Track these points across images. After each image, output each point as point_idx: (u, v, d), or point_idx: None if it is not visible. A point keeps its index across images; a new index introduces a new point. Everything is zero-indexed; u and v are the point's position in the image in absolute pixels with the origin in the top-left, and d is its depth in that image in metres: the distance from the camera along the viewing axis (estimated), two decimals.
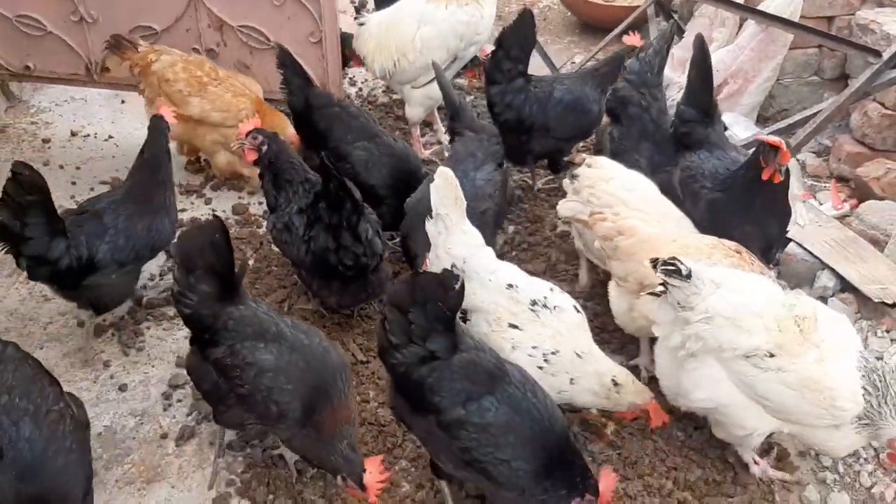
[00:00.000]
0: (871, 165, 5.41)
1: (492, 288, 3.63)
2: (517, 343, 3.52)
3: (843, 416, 3.24)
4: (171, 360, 4.21)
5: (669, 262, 3.28)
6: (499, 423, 3.02)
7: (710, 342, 3.31)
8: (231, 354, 3.27)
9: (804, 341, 3.26)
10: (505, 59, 5.08)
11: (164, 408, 3.96)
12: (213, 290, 3.29)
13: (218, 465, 3.64)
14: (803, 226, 4.98)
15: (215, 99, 5.27)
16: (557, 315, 3.58)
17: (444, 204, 3.67)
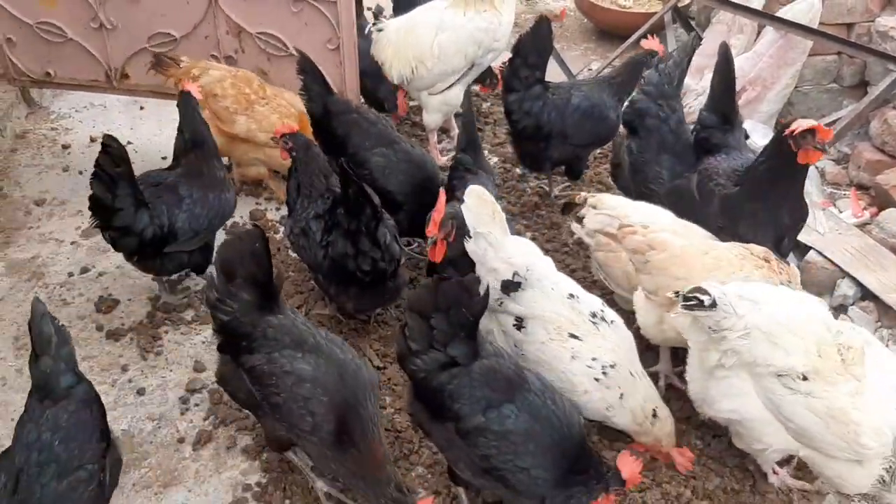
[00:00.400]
0: (890, 173, 5.37)
1: (553, 297, 3.62)
2: (577, 353, 3.50)
3: (864, 453, 3.19)
4: (189, 365, 4.22)
5: (690, 296, 3.24)
6: (518, 431, 3.03)
7: (745, 356, 3.27)
8: (269, 362, 3.24)
9: (844, 371, 3.21)
10: (522, 67, 5.08)
11: (181, 412, 3.97)
12: (253, 298, 3.28)
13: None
14: (823, 234, 4.95)
15: (262, 119, 5.24)
16: (615, 329, 3.61)
17: (482, 222, 3.63)
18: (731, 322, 3.23)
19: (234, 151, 5.41)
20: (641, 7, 7.86)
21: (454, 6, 5.55)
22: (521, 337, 3.61)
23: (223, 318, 3.28)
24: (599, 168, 5.80)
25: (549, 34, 5.13)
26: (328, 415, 3.18)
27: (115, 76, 5.83)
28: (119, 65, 5.78)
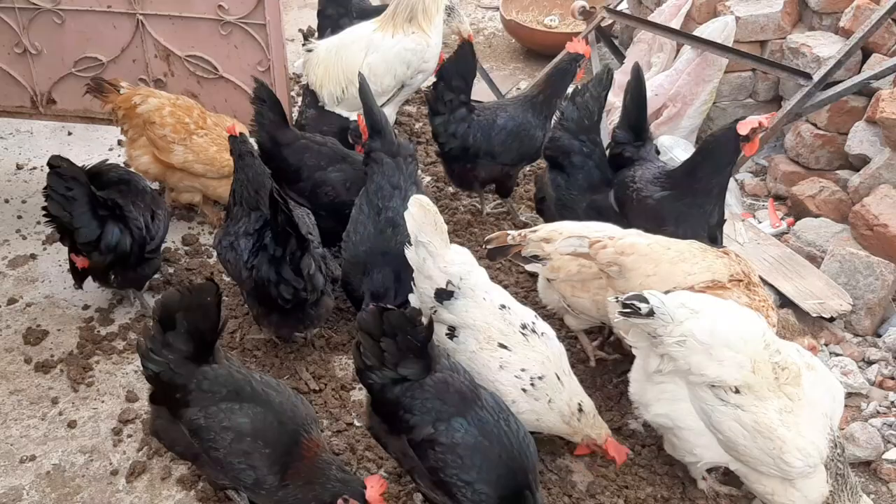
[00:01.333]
0: (805, 184, 5.60)
1: (485, 307, 3.71)
2: (505, 363, 3.60)
3: (788, 470, 3.28)
4: (122, 395, 4.17)
5: (628, 303, 3.34)
6: (466, 445, 3.14)
7: (680, 363, 3.37)
8: (206, 417, 3.21)
9: (776, 388, 3.31)
10: (446, 91, 5.18)
11: (114, 443, 3.92)
12: (189, 350, 3.21)
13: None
14: (743, 244, 5.14)
15: (200, 151, 5.21)
16: (545, 341, 3.70)
17: (424, 231, 3.68)
18: (668, 329, 3.34)
19: (170, 178, 5.37)
20: (566, 27, 8.03)
21: (382, 29, 5.63)
22: (453, 346, 3.70)
23: (154, 368, 3.20)
24: (529, 185, 5.91)
25: (473, 57, 5.24)
26: (272, 467, 3.18)
27: (41, 101, 5.74)
28: (45, 90, 5.70)
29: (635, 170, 4.64)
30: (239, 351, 4.46)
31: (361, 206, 4.44)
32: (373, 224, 4.38)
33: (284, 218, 3.92)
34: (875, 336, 4.65)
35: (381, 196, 4.40)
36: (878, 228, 4.92)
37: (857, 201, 5.20)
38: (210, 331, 3.24)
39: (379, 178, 4.44)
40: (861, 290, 4.65)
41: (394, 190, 4.40)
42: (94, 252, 4.28)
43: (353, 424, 4.06)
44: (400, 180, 4.43)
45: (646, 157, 4.73)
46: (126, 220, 4.36)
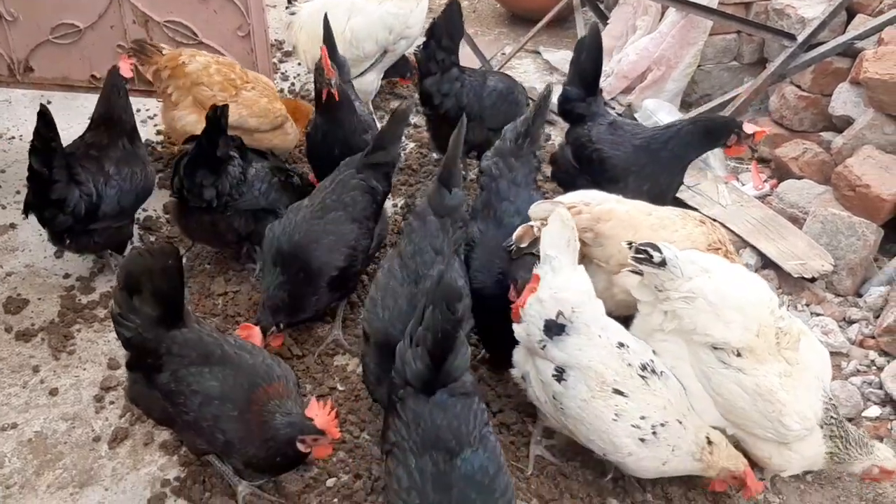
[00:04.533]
0: (788, 146, 5.60)
1: (601, 346, 3.29)
2: (621, 412, 3.21)
3: (786, 434, 3.29)
4: (103, 363, 4.16)
5: (642, 248, 3.31)
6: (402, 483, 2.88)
7: (685, 322, 3.34)
8: (176, 381, 3.21)
9: (776, 353, 3.31)
10: (438, 50, 5.12)
11: (96, 410, 3.91)
12: (157, 313, 3.20)
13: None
14: (726, 206, 5.14)
15: (251, 104, 5.16)
16: (665, 382, 3.31)
17: (556, 245, 3.43)
18: (676, 284, 3.31)
19: None
20: None
21: None
22: (560, 389, 3.31)
23: (126, 334, 3.20)
24: None
25: (460, 17, 5.19)
26: (240, 430, 3.18)
27: (18, 70, 5.65)
28: (22, 57, 5.61)
29: (590, 127, 4.70)
30: (221, 318, 4.45)
31: (392, 271, 3.66)
32: (407, 296, 3.57)
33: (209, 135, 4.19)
34: (856, 296, 4.67)
35: (420, 261, 3.64)
36: (860, 189, 4.93)
37: (840, 162, 5.19)
38: (174, 293, 3.22)
39: (419, 238, 3.68)
40: (843, 250, 4.66)
41: (436, 255, 3.66)
42: (60, 214, 4.24)
43: (335, 388, 4.06)
44: (444, 245, 3.67)
45: (597, 111, 4.79)
46: (78, 184, 4.30)
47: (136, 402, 3.48)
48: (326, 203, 4.15)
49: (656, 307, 3.46)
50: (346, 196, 4.16)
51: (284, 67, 7.21)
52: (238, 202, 4.46)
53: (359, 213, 4.17)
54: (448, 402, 2.94)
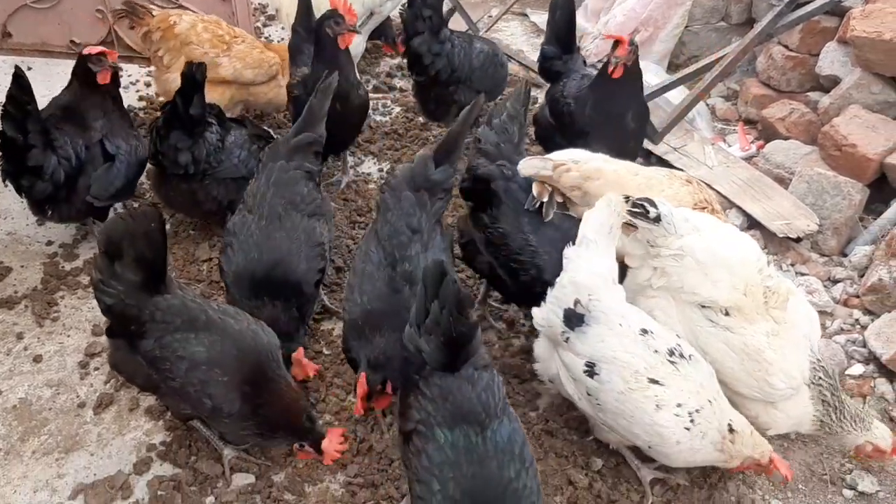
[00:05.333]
0: (775, 106, 5.58)
1: (623, 335, 3.16)
2: (661, 402, 3.08)
3: (772, 393, 3.27)
4: (88, 329, 4.14)
5: (639, 203, 3.29)
6: (433, 459, 2.76)
7: (673, 280, 3.34)
8: (161, 348, 3.17)
9: (764, 312, 3.29)
10: (423, 7, 5.02)
11: (80, 377, 3.91)
12: (139, 279, 3.15)
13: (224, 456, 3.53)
14: (712, 167, 5.13)
15: (245, 56, 5.12)
16: (694, 366, 3.17)
17: (598, 230, 3.31)
18: (668, 241, 3.30)
19: (219, 101, 5.08)
20: None
21: None
22: (595, 385, 3.16)
23: (106, 300, 3.15)
24: None
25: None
26: (229, 395, 3.16)
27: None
28: (0, 23, 5.52)
29: (564, 83, 4.75)
30: (206, 283, 4.43)
31: (369, 254, 3.59)
32: (386, 280, 3.51)
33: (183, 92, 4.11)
34: (841, 255, 4.68)
35: (396, 243, 3.56)
36: (846, 149, 4.91)
37: (826, 122, 5.18)
38: (157, 258, 3.17)
39: (394, 217, 3.60)
40: (828, 210, 4.66)
41: (412, 234, 3.58)
42: (38, 181, 4.17)
43: (321, 352, 4.06)
44: (421, 222, 3.60)
45: (573, 68, 4.83)
46: (54, 149, 4.22)
47: (118, 368, 3.44)
48: (275, 209, 3.83)
49: (646, 262, 3.44)
50: (291, 194, 3.90)
51: (268, 31, 7.13)
52: (216, 170, 4.40)
53: (311, 207, 3.94)
54: (475, 375, 2.86)
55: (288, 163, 3.95)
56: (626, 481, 3.49)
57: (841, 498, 3.56)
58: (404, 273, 3.49)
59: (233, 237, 3.79)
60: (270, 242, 3.76)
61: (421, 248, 3.53)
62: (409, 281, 3.46)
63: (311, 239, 3.85)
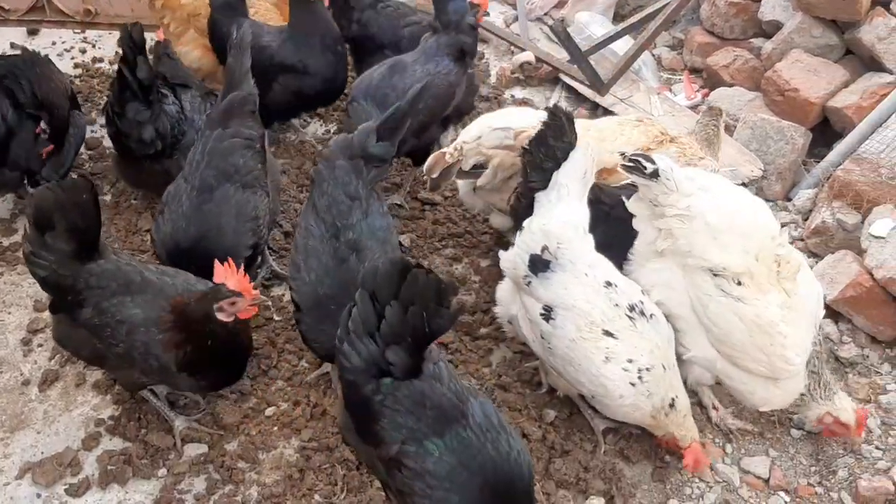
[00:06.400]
0: (719, 54, 5.59)
1: (587, 284, 3.14)
2: (611, 354, 3.08)
3: (783, 368, 3.20)
4: (29, 305, 4.04)
5: (633, 158, 3.18)
6: (438, 474, 2.58)
7: (681, 243, 3.21)
8: (99, 314, 3.12)
9: (776, 282, 3.18)
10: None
11: (24, 354, 3.81)
12: (71, 249, 3.10)
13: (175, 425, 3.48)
14: (658, 117, 5.13)
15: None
16: (654, 326, 3.17)
17: (570, 174, 3.28)
18: (672, 199, 3.18)
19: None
20: None
21: None
22: (549, 329, 3.17)
23: (40, 273, 3.11)
24: None
25: None
26: (170, 351, 3.11)
27: None
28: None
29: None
30: (150, 254, 4.31)
31: (309, 228, 3.43)
32: (331, 252, 3.36)
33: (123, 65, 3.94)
34: (785, 200, 4.74)
35: (336, 213, 3.41)
36: (789, 93, 4.95)
37: (769, 68, 5.20)
38: (90, 228, 3.13)
39: (331, 187, 3.45)
40: (772, 155, 4.70)
41: (352, 202, 3.43)
42: None
43: (272, 319, 4.01)
44: (359, 189, 3.45)
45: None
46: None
47: (63, 343, 3.39)
48: (207, 181, 3.68)
49: (651, 223, 3.33)
50: (225, 165, 3.73)
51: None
52: (183, 142, 4.22)
53: (248, 178, 3.76)
54: (436, 369, 2.69)
55: (224, 130, 3.77)
56: (580, 431, 3.54)
57: (789, 437, 3.65)
58: (349, 242, 3.36)
59: (165, 206, 3.69)
60: (199, 214, 3.64)
61: (361, 215, 3.41)
62: (355, 248, 3.35)
63: (242, 213, 3.70)
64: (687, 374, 3.40)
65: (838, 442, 3.59)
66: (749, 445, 3.59)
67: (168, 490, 3.25)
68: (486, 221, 4.53)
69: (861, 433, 3.45)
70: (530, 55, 5.69)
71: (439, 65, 4.34)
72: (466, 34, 4.38)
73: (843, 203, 4.27)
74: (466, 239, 4.56)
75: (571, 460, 3.39)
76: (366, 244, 3.35)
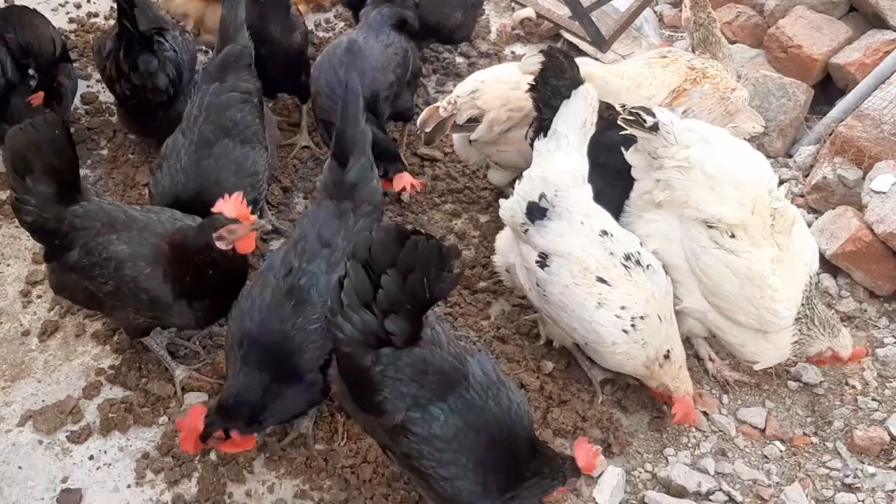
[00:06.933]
0: (722, 11, 5.53)
1: (583, 233, 3.17)
2: (604, 300, 3.11)
3: (772, 321, 3.22)
4: (27, 258, 4.03)
5: (634, 111, 3.17)
6: (446, 437, 2.58)
7: (678, 194, 3.22)
8: (87, 254, 3.12)
9: (770, 236, 3.20)
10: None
11: (23, 305, 3.81)
12: (52, 191, 3.10)
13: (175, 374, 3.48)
14: None
15: None
16: (650, 276, 3.19)
17: (570, 123, 3.27)
18: (671, 151, 3.19)
19: (212, 16, 4.81)
20: None
21: None
22: (544, 276, 3.20)
23: (27, 219, 3.11)
24: None
25: None
26: (161, 284, 3.11)
27: None
28: None
29: None
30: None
31: (272, 260, 3.14)
32: (272, 290, 2.99)
33: (123, 13, 3.86)
34: (786, 157, 4.72)
35: (300, 251, 3.06)
36: (792, 50, 4.91)
37: (772, 24, 5.17)
38: (66, 166, 3.12)
39: (308, 224, 3.15)
40: (774, 111, 4.68)
41: (321, 249, 3.06)
42: None
43: None
44: (337, 238, 3.08)
45: None
46: None
47: (60, 291, 3.42)
48: (206, 136, 3.62)
49: (648, 175, 3.34)
50: (223, 120, 3.67)
51: None
52: (187, 86, 4.22)
53: (247, 133, 3.70)
54: (434, 334, 2.64)
55: (221, 84, 3.73)
56: (577, 382, 3.56)
57: (786, 389, 3.67)
58: (293, 287, 2.97)
59: (163, 160, 3.66)
60: (197, 169, 3.59)
61: (326, 268, 2.99)
62: (297, 298, 2.95)
63: (241, 168, 3.65)
64: (680, 325, 3.41)
65: (835, 394, 3.62)
66: (746, 396, 3.62)
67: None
68: (485, 177, 4.52)
69: (853, 363, 3.50)
70: (531, 11, 5.64)
71: (389, 36, 4.34)
72: (409, 8, 4.48)
73: (845, 159, 4.26)
74: (466, 195, 4.55)
75: (569, 410, 3.42)
76: (312, 300, 2.94)
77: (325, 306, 2.80)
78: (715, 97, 3.82)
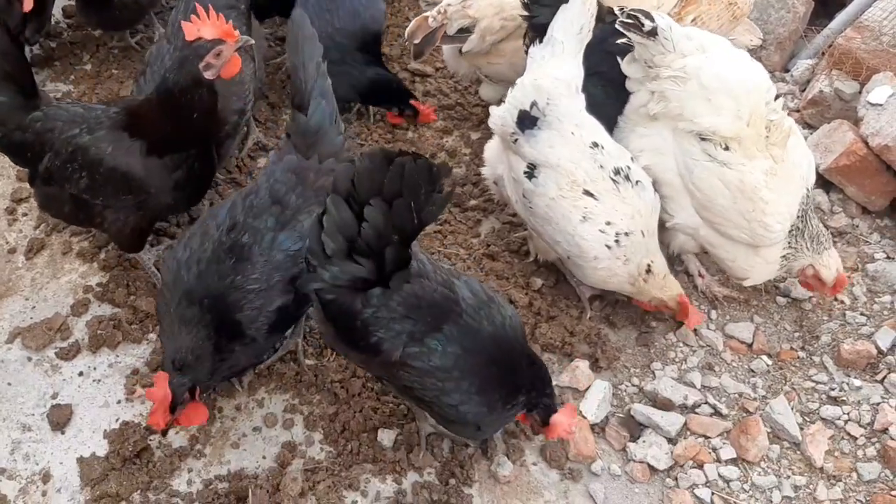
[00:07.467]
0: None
1: (573, 143, 3.10)
2: (589, 214, 3.08)
3: (763, 235, 3.18)
4: (12, 175, 3.97)
5: (632, 14, 3.08)
6: (446, 367, 2.55)
7: (673, 106, 3.17)
8: (56, 155, 3.09)
9: (764, 148, 3.13)
10: None
11: (8, 223, 3.78)
12: (9, 99, 3.07)
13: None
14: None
15: None
16: (638, 192, 3.15)
17: (566, 29, 3.18)
18: (667, 60, 3.11)
19: None
20: None
21: None
22: (531, 187, 3.16)
23: None
24: None
25: None
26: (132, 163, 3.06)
27: None
28: None
29: None
30: None
31: (217, 209, 2.95)
32: (214, 243, 2.82)
33: None
34: (783, 71, 4.63)
35: (248, 205, 2.87)
36: None
37: None
38: (17, 70, 3.08)
39: (264, 178, 2.96)
40: (772, 24, 4.57)
41: (271, 205, 2.87)
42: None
43: None
44: (290, 198, 2.88)
45: None
46: None
47: (46, 207, 3.39)
48: None
49: (644, 86, 3.26)
50: None
51: None
52: None
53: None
54: (421, 266, 2.53)
55: None
56: (566, 298, 3.56)
57: (775, 305, 3.68)
58: (235, 243, 2.80)
59: (147, 67, 3.56)
60: None
61: (274, 224, 2.83)
62: (237, 256, 2.78)
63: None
64: (671, 241, 3.40)
65: (823, 309, 3.62)
66: (734, 312, 3.63)
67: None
68: (477, 93, 4.44)
69: (833, 294, 3.46)
70: None
71: None
72: None
73: (842, 72, 4.17)
74: (457, 111, 4.47)
75: (557, 325, 3.43)
76: (254, 259, 2.78)
77: (266, 265, 2.75)
78: (724, 2, 3.73)
